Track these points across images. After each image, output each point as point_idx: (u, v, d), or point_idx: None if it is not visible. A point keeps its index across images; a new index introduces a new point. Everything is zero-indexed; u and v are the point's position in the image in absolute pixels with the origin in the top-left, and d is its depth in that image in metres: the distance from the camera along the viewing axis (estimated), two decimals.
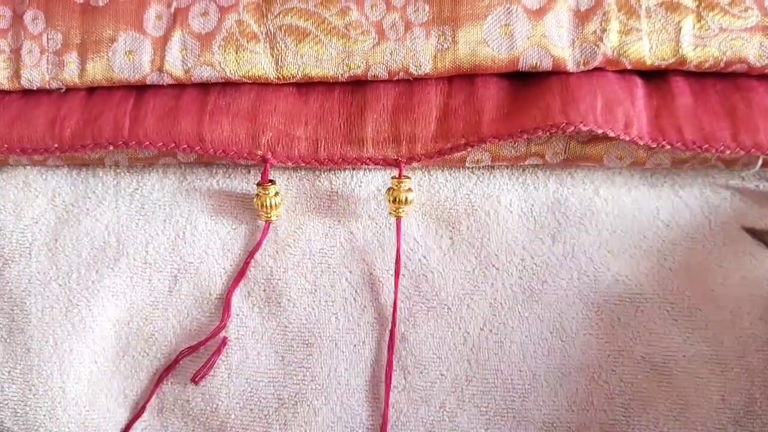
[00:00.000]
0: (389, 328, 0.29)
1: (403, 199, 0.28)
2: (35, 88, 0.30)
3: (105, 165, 0.31)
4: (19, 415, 0.29)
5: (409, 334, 0.29)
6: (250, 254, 0.29)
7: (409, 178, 0.29)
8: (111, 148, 0.29)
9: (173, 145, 0.28)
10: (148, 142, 0.28)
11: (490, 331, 0.29)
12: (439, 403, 0.29)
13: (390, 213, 0.29)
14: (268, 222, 0.30)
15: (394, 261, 0.29)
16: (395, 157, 0.29)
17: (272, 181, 0.29)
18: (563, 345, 0.29)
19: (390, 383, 0.28)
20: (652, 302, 0.28)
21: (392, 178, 0.29)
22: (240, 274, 0.29)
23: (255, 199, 0.29)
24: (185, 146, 0.28)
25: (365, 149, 0.29)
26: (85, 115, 0.29)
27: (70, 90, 0.30)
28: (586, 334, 0.29)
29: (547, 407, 0.28)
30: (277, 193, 0.29)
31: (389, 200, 0.28)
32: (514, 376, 0.29)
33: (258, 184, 0.29)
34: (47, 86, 0.30)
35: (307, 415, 0.29)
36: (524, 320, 0.29)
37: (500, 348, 0.29)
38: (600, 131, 0.27)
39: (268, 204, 0.29)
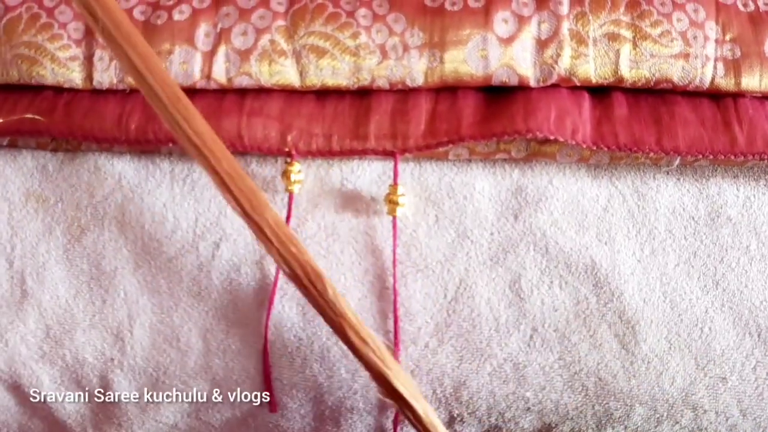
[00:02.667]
0: (386, 285, 0.35)
1: (397, 202, 0.34)
2: (104, 89, 0.35)
3: (161, 153, 0.36)
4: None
5: (402, 290, 0.35)
6: (287, 223, 0.34)
7: (402, 186, 0.34)
8: (170, 144, 0.34)
9: None
10: None
11: (465, 288, 0.35)
12: (424, 343, 0.35)
13: (388, 213, 0.34)
14: (291, 193, 0.35)
15: (392, 252, 0.35)
16: (392, 149, 0.34)
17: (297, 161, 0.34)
18: (520, 300, 0.35)
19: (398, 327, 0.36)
20: (590, 267, 0.35)
21: (389, 185, 0.34)
22: None
23: (282, 174, 0.34)
24: (229, 144, 0.34)
25: (369, 143, 0.35)
26: (146, 113, 0.34)
27: (133, 90, 0.35)
28: (538, 292, 0.35)
29: (507, 348, 0.35)
30: (300, 171, 0.35)
31: (386, 202, 0.34)
32: (482, 324, 0.35)
33: (286, 162, 0.34)
34: (114, 87, 0.35)
35: (321, 351, 0.35)
36: (490, 280, 0.35)
37: (472, 301, 0.35)
38: (552, 137, 0.33)
39: (292, 178, 0.34)
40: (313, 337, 0.36)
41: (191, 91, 0.35)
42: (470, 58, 0.34)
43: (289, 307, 0.36)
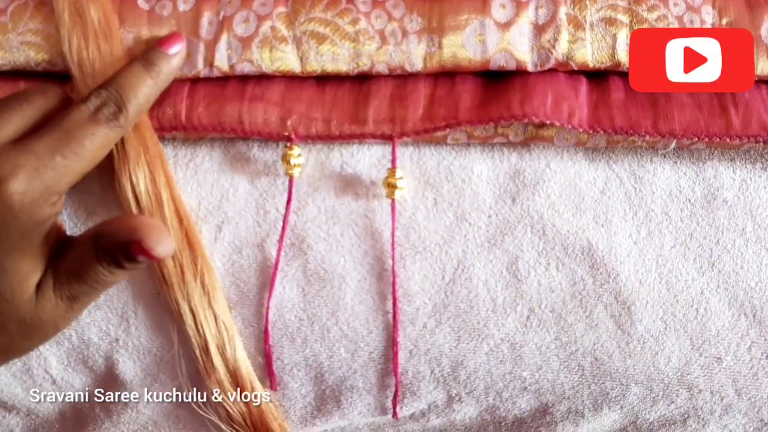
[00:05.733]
0: (385, 267, 0.36)
1: (396, 185, 0.34)
2: None
3: (165, 138, 0.36)
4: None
5: (401, 272, 0.36)
6: (287, 207, 0.35)
7: (400, 169, 0.35)
8: (173, 132, 0.35)
9: (220, 129, 0.35)
10: (201, 127, 0.35)
11: (462, 270, 0.36)
12: (422, 324, 0.36)
13: (386, 196, 0.35)
14: (291, 177, 0.35)
15: (390, 235, 0.35)
16: (390, 134, 0.35)
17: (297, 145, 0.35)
18: (517, 281, 0.35)
19: (397, 311, 0.37)
20: (587, 249, 0.35)
21: (388, 169, 0.35)
22: (285, 222, 0.35)
23: (282, 158, 0.35)
24: (230, 130, 0.35)
25: (367, 127, 0.35)
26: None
27: None
28: (534, 273, 0.35)
29: (504, 328, 0.36)
30: (299, 155, 0.35)
31: (384, 186, 0.35)
32: (479, 304, 0.35)
33: (285, 146, 0.35)
34: None
35: (321, 331, 0.36)
36: (488, 262, 0.35)
37: (469, 283, 0.35)
38: (548, 122, 0.33)
39: (292, 162, 0.35)
40: (314, 318, 0.36)
41: (194, 80, 0.36)
42: (468, 43, 0.35)
43: (289, 288, 0.36)
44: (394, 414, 0.37)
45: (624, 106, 0.35)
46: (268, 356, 0.36)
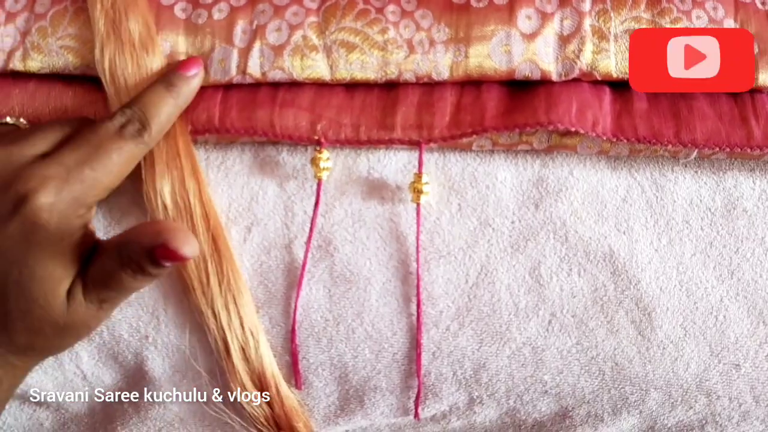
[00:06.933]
0: (410, 270, 0.37)
1: (421, 190, 0.35)
2: None
3: (197, 142, 0.37)
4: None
5: (425, 275, 0.36)
6: (315, 209, 0.36)
7: (426, 175, 0.35)
8: (207, 135, 0.36)
9: (252, 132, 0.36)
10: (234, 130, 0.36)
11: (486, 274, 0.36)
12: (445, 327, 0.36)
13: (412, 201, 0.36)
14: (320, 180, 0.36)
15: (415, 238, 0.36)
16: (417, 140, 0.36)
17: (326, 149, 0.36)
18: (539, 286, 0.36)
19: (420, 313, 0.37)
20: (608, 255, 0.36)
21: (414, 174, 0.35)
22: (312, 224, 0.36)
23: (311, 162, 0.36)
24: (261, 133, 0.36)
25: (395, 133, 0.36)
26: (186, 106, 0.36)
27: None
28: (557, 278, 0.36)
29: (526, 332, 0.36)
30: (328, 159, 0.36)
31: (410, 190, 0.35)
32: (502, 308, 0.36)
33: (315, 150, 0.36)
34: None
35: (347, 332, 0.37)
36: (511, 267, 0.36)
37: (492, 287, 0.36)
38: (573, 129, 0.34)
39: (321, 166, 0.36)
40: (339, 318, 0.37)
41: (227, 86, 0.37)
42: (494, 53, 0.36)
43: (316, 289, 0.37)
44: (416, 415, 0.38)
45: (647, 116, 0.36)
46: (294, 355, 0.37)
